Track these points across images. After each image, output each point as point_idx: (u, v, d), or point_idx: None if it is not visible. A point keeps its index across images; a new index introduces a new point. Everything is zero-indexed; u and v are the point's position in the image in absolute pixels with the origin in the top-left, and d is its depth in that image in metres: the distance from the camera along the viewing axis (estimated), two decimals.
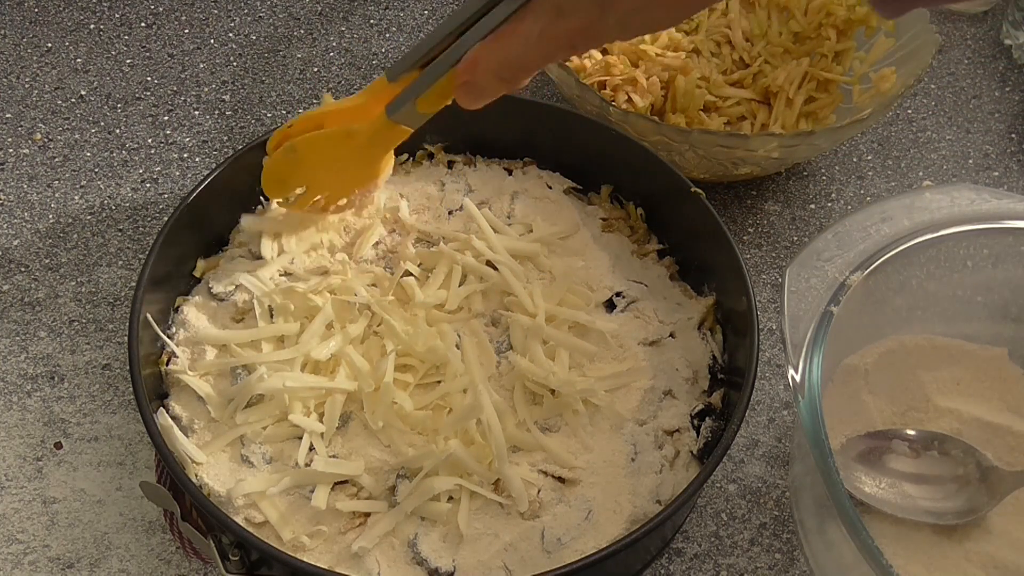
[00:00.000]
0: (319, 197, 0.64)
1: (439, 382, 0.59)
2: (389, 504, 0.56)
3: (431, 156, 0.73)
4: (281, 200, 0.64)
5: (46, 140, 0.81)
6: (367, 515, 0.56)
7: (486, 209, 0.67)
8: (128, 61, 0.87)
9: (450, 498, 0.56)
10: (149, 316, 0.60)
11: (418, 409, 0.58)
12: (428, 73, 0.53)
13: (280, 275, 0.64)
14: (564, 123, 0.69)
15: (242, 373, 0.59)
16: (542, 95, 0.86)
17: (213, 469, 0.57)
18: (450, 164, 0.73)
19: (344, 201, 0.65)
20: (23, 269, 0.73)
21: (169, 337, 0.61)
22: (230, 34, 0.90)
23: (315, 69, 0.87)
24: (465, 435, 0.57)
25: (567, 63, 0.77)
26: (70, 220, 0.76)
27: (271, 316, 0.61)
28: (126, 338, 0.58)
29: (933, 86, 0.90)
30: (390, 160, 0.64)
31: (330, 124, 0.59)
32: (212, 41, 0.89)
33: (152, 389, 0.59)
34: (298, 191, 0.63)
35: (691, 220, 0.65)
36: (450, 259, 0.63)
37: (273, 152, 0.61)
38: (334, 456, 0.57)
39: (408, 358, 0.59)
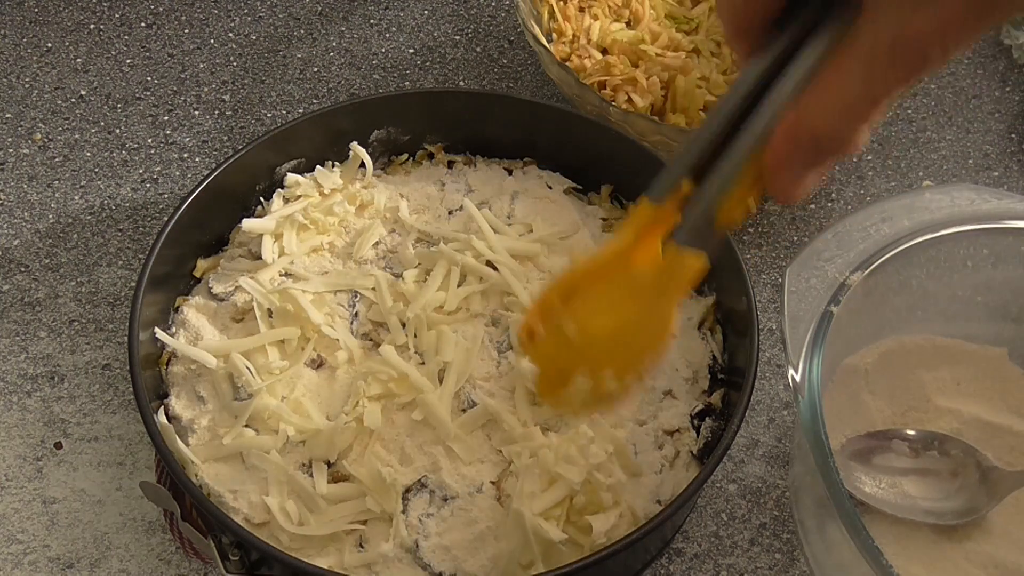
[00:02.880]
0: (608, 380, 0.45)
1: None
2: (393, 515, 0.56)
3: (431, 156, 0.73)
4: (561, 399, 0.46)
5: (46, 140, 0.81)
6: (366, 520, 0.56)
7: (486, 209, 0.67)
8: (128, 61, 0.87)
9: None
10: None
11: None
12: (719, 172, 0.38)
13: (281, 275, 0.64)
14: (564, 123, 0.69)
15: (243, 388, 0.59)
16: (542, 95, 0.86)
17: (213, 469, 0.57)
18: (450, 164, 0.73)
19: (633, 377, 0.46)
20: (23, 269, 0.73)
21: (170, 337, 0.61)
22: (230, 34, 0.90)
23: (315, 69, 0.87)
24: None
25: (567, 63, 0.77)
26: (70, 220, 0.76)
27: (270, 316, 0.61)
28: (126, 338, 0.58)
29: (933, 86, 0.90)
30: (677, 318, 0.47)
31: (590, 286, 0.43)
32: (212, 41, 0.89)
33: (152, 389, 0.59)
34: (577, 386, 0.46)
35: None
36: (450, 259, 0.63)
37: (530, 345, 0.45)
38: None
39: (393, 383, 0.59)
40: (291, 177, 0.68)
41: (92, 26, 0.89)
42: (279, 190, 0.68)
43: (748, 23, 0.37)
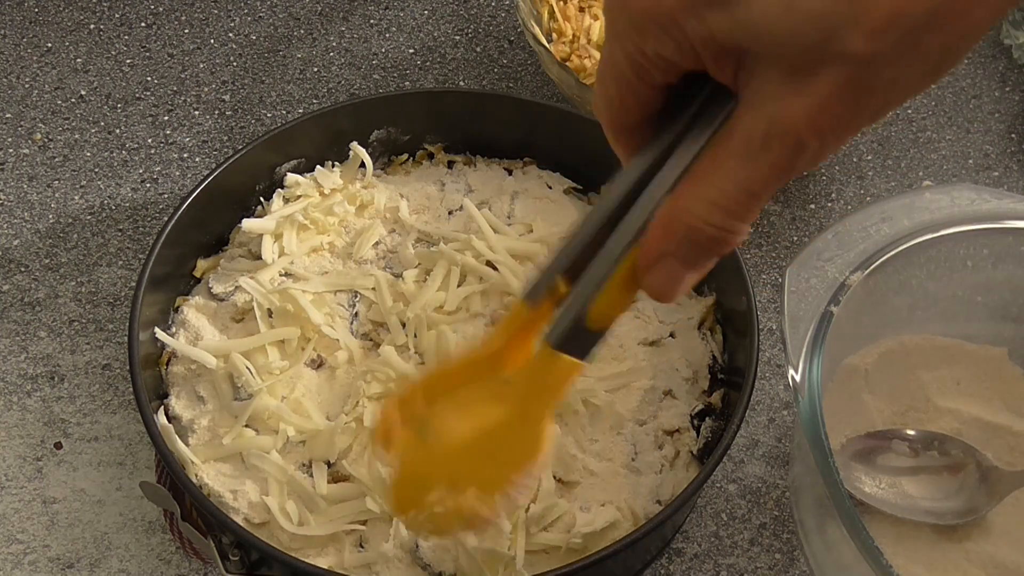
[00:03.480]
0: (467, 499, 0.40)
1: None
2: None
3: (431, 156, 0.73)
4: (415, 521, 0.42)
5: (46, 140, 0.81)
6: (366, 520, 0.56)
7: (486, 209, 0.67)
8: (128, 61, 0.87)
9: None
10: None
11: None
12: (594, 268, 0.36)
13: (281, 275, 0.64)
14: (564, 123, 0.69)
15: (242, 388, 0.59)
16: (542, 95, 0.86)
17: (213, 469, 0.57)
18: (450, 164, 0.73)
19: (499, 499, 0.40)
20: (23, 269, 0.73)
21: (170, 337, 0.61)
22: (230, 34, 0.90)
23: (315, 69, 0.87)
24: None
25: (567, 63, 0.77)
26: (70, 220, 0.76)
27: (270, 316, 0.61)
28: (126, 338, 0.58)
29: (933, 86, 0.90)
30: (551, 428, 0.40)
31: (457, 389, 0.40)
32: (212, 41, 0.89)
33: (152, 389, 0.59)
34: (434, 501, 0.40)
35: None
36: (450, 259, 0.63)
37: (387, 447, 0.41)
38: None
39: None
40: (291, 177, 0.68)
41: (92, 26, 0.89)
42: (279, 190, 0.68)
43: (625, 122, 0.36)
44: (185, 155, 0.81)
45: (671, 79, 0.33)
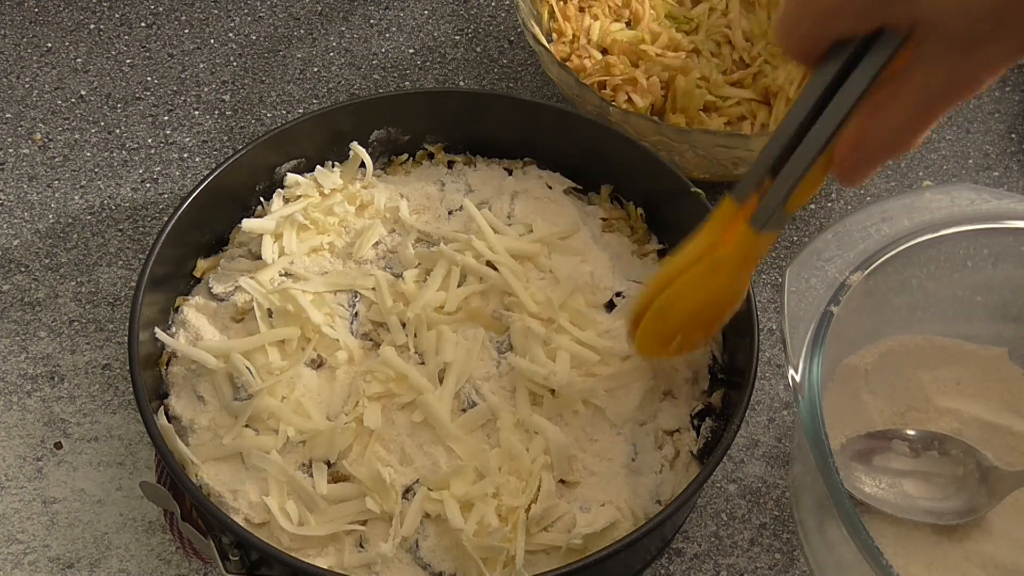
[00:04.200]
0: (699, 332, 0.57)
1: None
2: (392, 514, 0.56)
3: (431, 156, 0.73)
4: (665, 354, 0.59)
5: (46, 140, 0.81)
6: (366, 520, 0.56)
7: (486, 209, 0.67)
8: (128, 61, 0.87)
9: None
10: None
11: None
12: (791, 170, 0.46)
13: (281, 275, 0.64)
14: (564, 123, 0.69)
15: (243, 388, 0.59)
16: (542, 95, 0.86)
17: (213, 469, 0.57)
18: (450, 164, 0.73)
19: (717, 326, 0.58)
20: (23, 269, 0.73)
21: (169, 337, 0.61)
22: (230, 34, 0.90)
23: (315, 69, 0.87)
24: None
25: (567, 63, 0.77)
26: (70, 220, 0.76)
27: (270, 316, 0.61)
28: (126, 338, 0.58)
29: None
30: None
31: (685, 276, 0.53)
32: (212, 41, 0.89)
33: (152, 389, 0.59)
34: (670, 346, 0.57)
35: (691, 220, 0.65)
36: (450, 259, 0.63)
37: (637, 324, 0.56)
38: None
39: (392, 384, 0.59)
40: (291, 177, 0.68)
41: (92, 26, 0.89)
42: (279, 190, 0.68)
43: (810, 52, 0.44)
44: (185, 155, 0.81)
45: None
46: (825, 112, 0.44)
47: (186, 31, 0.89)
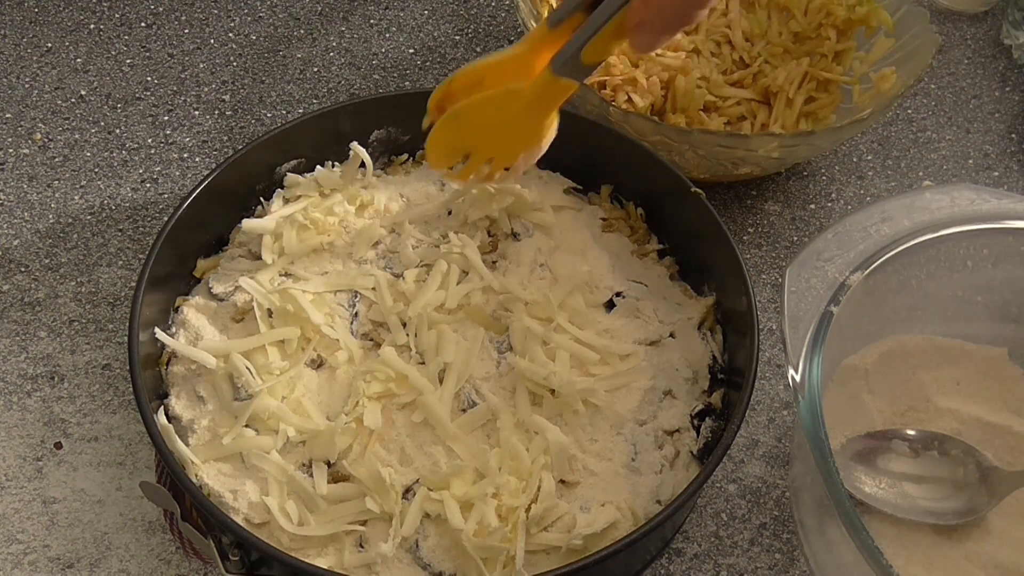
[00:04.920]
0: (484, 165, 0.60)
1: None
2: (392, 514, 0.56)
3: None
4: (446, 171, 0.61)
5: (46, 140, 0.81)
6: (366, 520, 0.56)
7: None
8: (128, 61, 0.87)
9: None
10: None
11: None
12: (594, 17, 0.49)
13: (281, 275, 0.64)
14: (564, 123, 0.69)
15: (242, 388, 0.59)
16: None
17: (213, 469, 0.57)
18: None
19: (508, 167, 0.61)
20: (23, 269, 0.73)
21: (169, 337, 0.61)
22: (230, 34, 0.90)
23: (315, 69, 0.87)
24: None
25: None
26: (70, 220, 0.76)
27: (270, 316, 0.61)
28: (126, 338, 0.58)
29: (933, 86, 0.90)
30: (554, 118, 0.59)
31: (490, 81, 0.56)
32: (212, 41, 0.89)
33: (152, 389, 0.59)
34: (460, 161, 0.60)
35: (691, 220, 0.65)
36: (449, 258, 0.63)
37: (434, 118, 0.58)
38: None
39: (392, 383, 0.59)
40: (291, 177, 0.68)
41: (92, 26, 0.89)
42: (279, 190, 0.68)
43: None
44: (185, 155, 0.81)
45: None
46: None
47: (186, 31, 0.89)
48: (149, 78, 0.86)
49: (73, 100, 0.84)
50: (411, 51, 0.89)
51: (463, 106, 0.56)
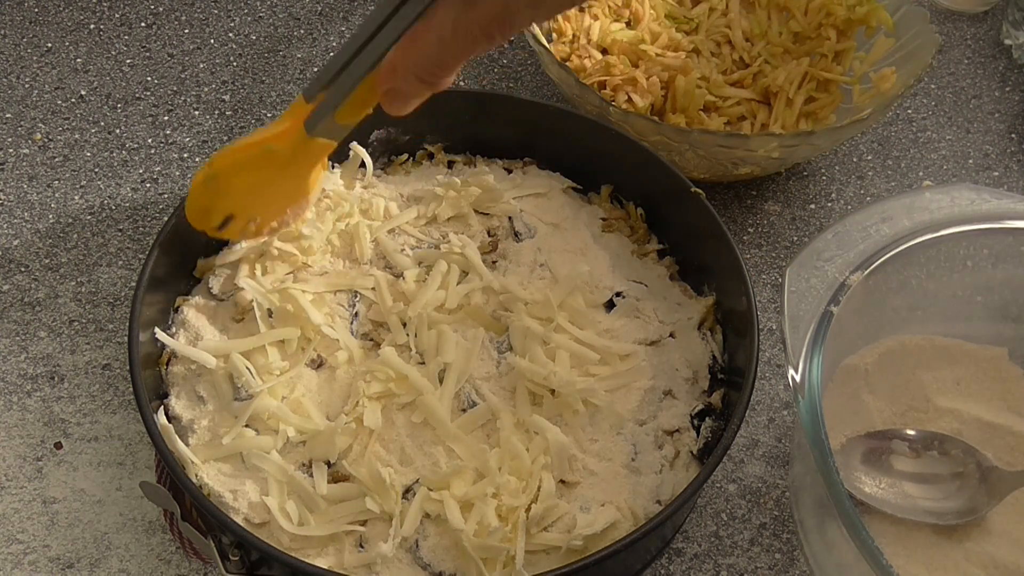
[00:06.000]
0: (251, 222, 0.61)
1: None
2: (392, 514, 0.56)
3: (431, 156, 0.73)
4: (211, 231, 0.61)
5: (46, 140, 0.81)
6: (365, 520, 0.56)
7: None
8: (128, 61, 0.87)
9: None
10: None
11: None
12: (341, 84, 0.51)
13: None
14: (564, 123, 0.69)
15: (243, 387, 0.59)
16: (542, 95, 0.86)
17: (213, 469, 0.57)
18: (450, 164, 0.73)
19: (276, 223, 0.62)
20: (23, 269, 0.73)
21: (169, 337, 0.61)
22: (230, 34, 0.90)
23: (315, 69, 0.87)
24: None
25: (567, 63, 0.77)
26: (70, 220, 0.76)
27: (270, 316, 0.61)
28: (126, 338, 0.58)
29: (933, 86, 0.90)
30: (319, 176, 0.61)
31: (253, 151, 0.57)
32: (212, 41, 0.89)
33: (152, 389, 0.59)
34: (227, 220, 0.60)
35: (691, 220, 0.65)
36: (449, 258, 0.63)
37: (196, 183, 0.59)
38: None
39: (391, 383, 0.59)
40: None
41: (92, 26, 0.89)
42: None
43: None
44: (185, 155, 0.81)
45: None
46: (378, 35, 0.48)
47: (186, 31, 0.89)
48: (149, 78, 0.86)
49: (73, 100, 0.84)
50: None
51: (218, 166, 0.57)
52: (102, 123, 0.82)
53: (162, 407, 0.59)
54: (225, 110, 0.84)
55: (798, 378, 0.54)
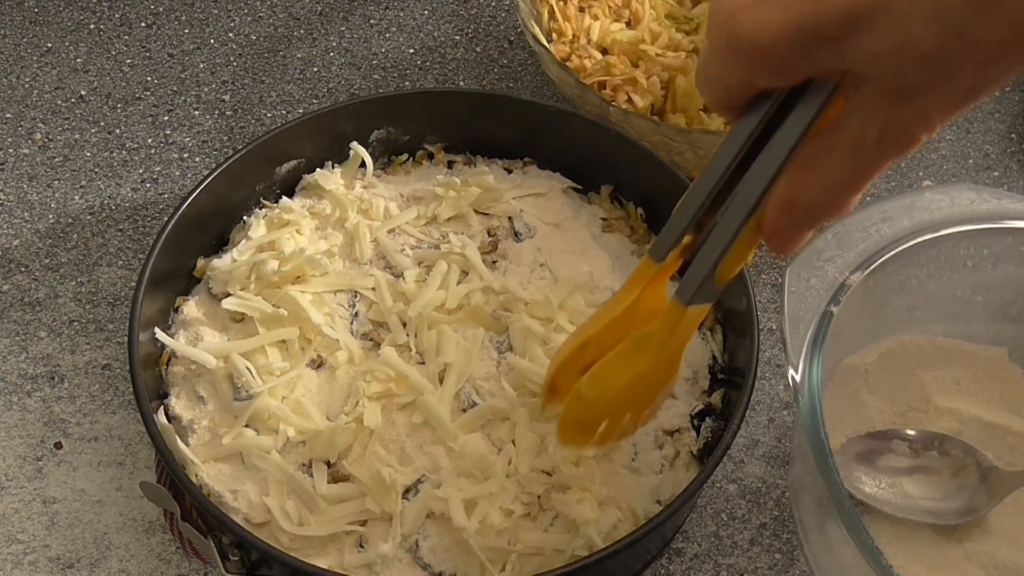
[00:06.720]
0: (626, 417, 0.52)
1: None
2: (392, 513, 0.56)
3: (431, 156, 0.73)
4: (589, 446, 0.54)
5: (46, 140, 0.81)
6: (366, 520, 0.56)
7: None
8: (128, 61, 0.87)
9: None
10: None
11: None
12: (718, 237, 0.42)
13: None
14: (564, 123, 0.69)
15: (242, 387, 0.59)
16: (542, 95, 0.86)
17: (213, 469, 0.57)
18: (450, 164, 0.73)
19: (648, 411, 0.54)
20: (23, 269, 0.73)
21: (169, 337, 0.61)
22: (230, 34, 0.90)
23: (315, 69, 0.87)
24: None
25: (567, 63, 0.77)
26: (70, 220, 0.76)
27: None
28: (126, 338, 0.58)
29: None
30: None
31: (595, 342, 0.49)
32: (212, 41, 0.89)
33: (152, 389, 0.59)
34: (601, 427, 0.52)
35: None
36: (449, 259, 0.63)
37: (550, 403, 0.53)
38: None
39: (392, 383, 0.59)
40: (285, 202, 0.67)
41: (92, 26, 0.89)
42: (257, 210, 0.67)
43: (729, 104, 0.40)
44: (185, 155, 0.81)
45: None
46: (752, 169, 0.40)
47: (186, 31, 0.89)
48: (149, 78, 0.86)
49: (73, 100, 0.84)
50: (411, 51, 0.89)
51: (585, 383, 0.49)
52: (102, 123, 0.82)
53: (162, 407, 0.60)
54: (225, 110, 0.84)
55: (798, 378, 0.54)
